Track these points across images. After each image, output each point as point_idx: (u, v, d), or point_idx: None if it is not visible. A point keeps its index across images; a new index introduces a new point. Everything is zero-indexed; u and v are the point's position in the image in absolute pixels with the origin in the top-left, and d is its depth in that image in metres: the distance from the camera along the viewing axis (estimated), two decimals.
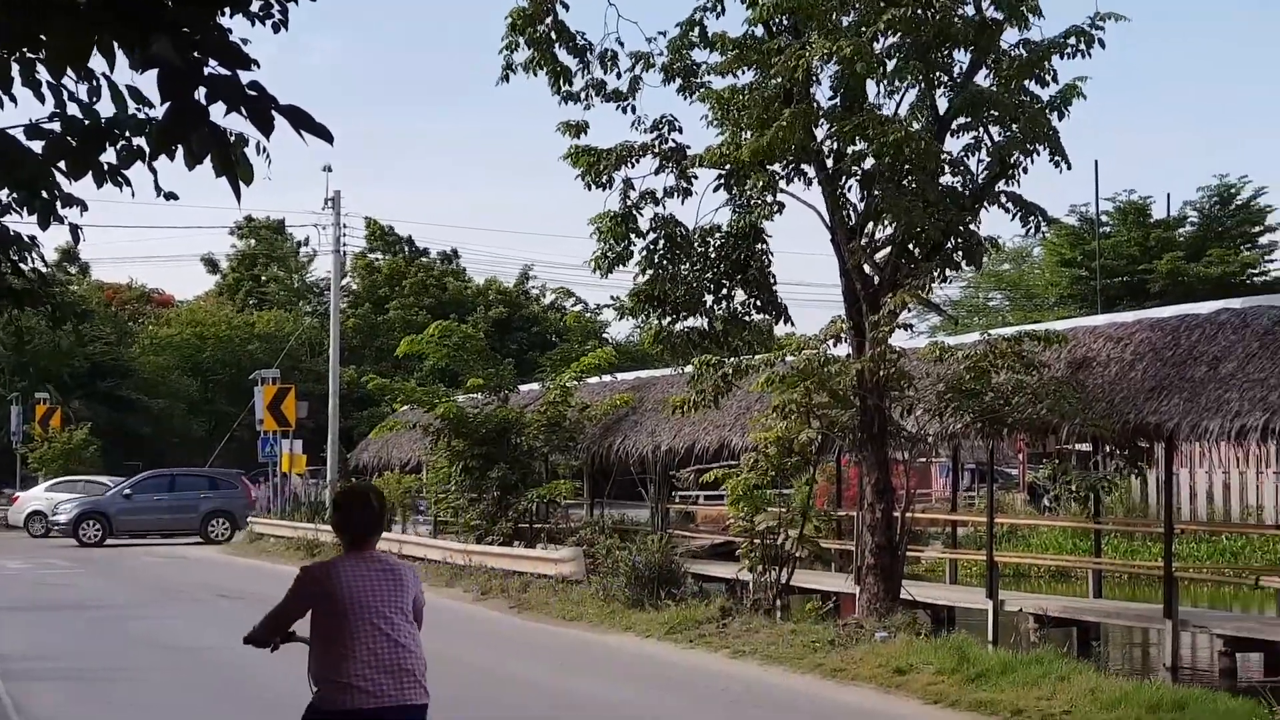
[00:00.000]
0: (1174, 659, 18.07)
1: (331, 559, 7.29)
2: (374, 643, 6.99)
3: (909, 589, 19.89)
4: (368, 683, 6.94)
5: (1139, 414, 18.16)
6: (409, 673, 7.15)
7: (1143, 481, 32.90)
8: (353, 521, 7.21)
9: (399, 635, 7.12)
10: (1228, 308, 19.07)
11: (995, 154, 19.11)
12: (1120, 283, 46.15)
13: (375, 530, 7.32)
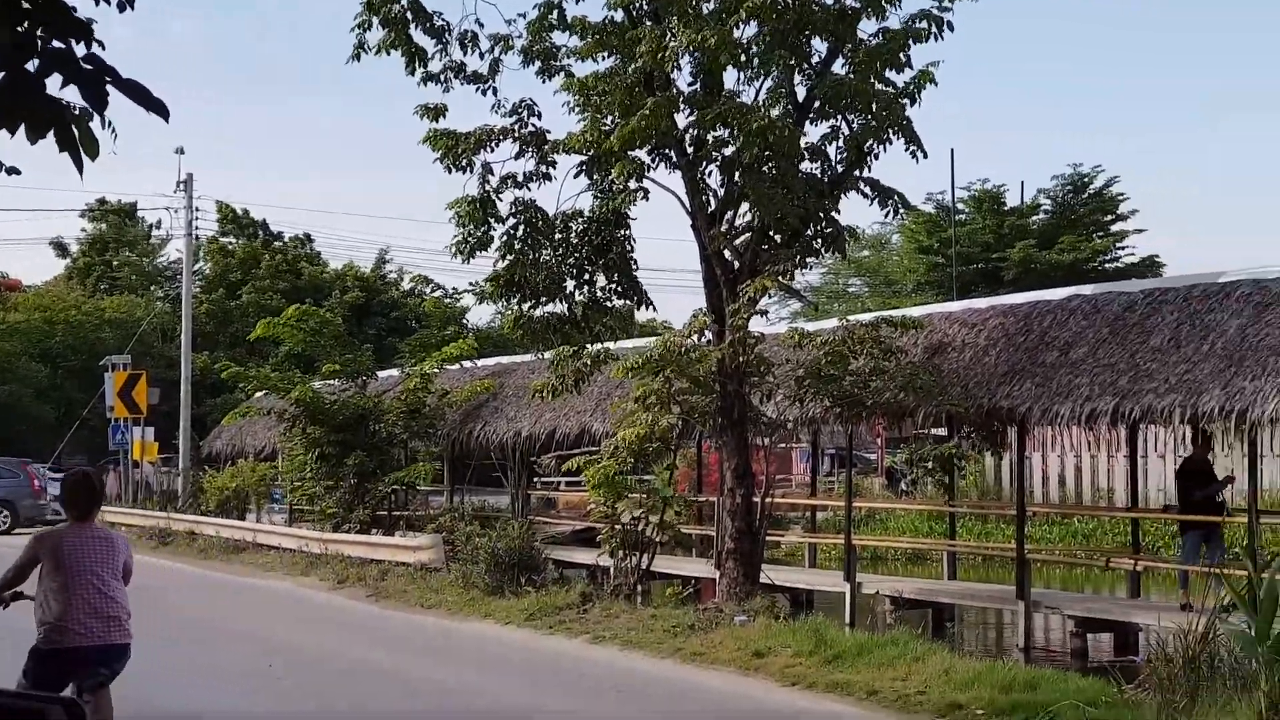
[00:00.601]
0: (1026, 639, 18.38)
1: (59, 528, 9.27)
2: (88, 595, 8.83)
3: (769, 573, 20.00)
4: (81, 626, 8.79)
5: (993, 398, 18.43)
6: (115, 619, 8.95)
7: (997, 465, 33.52)
8: (79, 500, 9.25)
9: (109, 590, 8.95)
10: (1079, 294, 19.42)
11: (853, 141, 19.24)
12: (976, 269, 46.85)
13: (95, 506, 9.41)
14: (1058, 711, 11.74)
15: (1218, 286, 17.47)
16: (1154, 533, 30.00)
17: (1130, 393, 16.84)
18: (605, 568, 21.57)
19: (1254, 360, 15.84)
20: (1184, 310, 17.42)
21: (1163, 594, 21.87)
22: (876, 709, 12.83)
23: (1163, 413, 16.52)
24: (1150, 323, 17.64)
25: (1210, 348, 16.53)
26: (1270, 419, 15.40)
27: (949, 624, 20.93)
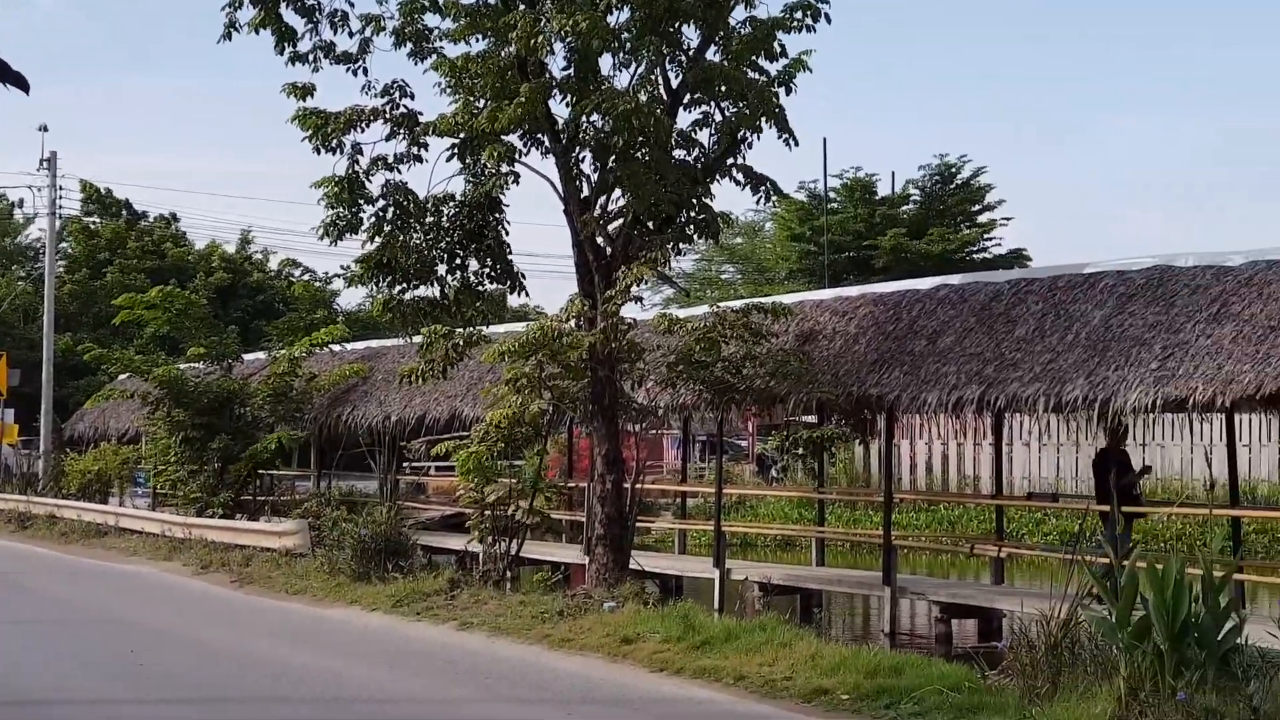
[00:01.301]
0: (892, 625, 18.55)
1: None
2: None
3: (638, 559, 19.98)
4: None
5: (862, 386, 18.56)
6: None
7: (865, 452, 33.84)
8: None
9: None
10: (947, 284, 19.62)
11: (725, 128, 19.25)
12: (847, 258, 47.19)
13: None
14: (921, 696, 11.83)
15: (1082, 277, 17.73)
16: (1018, 520, 30.52)
17: (996, 381, 17.04)
18: (474, 554, 21.44)
19: (1117, 350, 16.11)
20: (1049, 300, 17.67)
21: (1026, 580, 22.20)
22: (743, 694, 12.84)
23: (1027, 401, 16.74)
24: (1016, 312, 17.87)
25: (1074, 337, 16.77)
26: (1132, 409, 15.63)
27: (817, 610, 21.07)
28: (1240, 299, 15.60)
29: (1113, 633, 10.99)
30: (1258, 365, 14.56)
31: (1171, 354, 15.53)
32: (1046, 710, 10.89)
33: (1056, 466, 34.73)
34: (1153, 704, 10.27)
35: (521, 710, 12.64)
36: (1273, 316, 15.00)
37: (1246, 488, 29.26)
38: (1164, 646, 10.55)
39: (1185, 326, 15.77)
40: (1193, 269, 16.60)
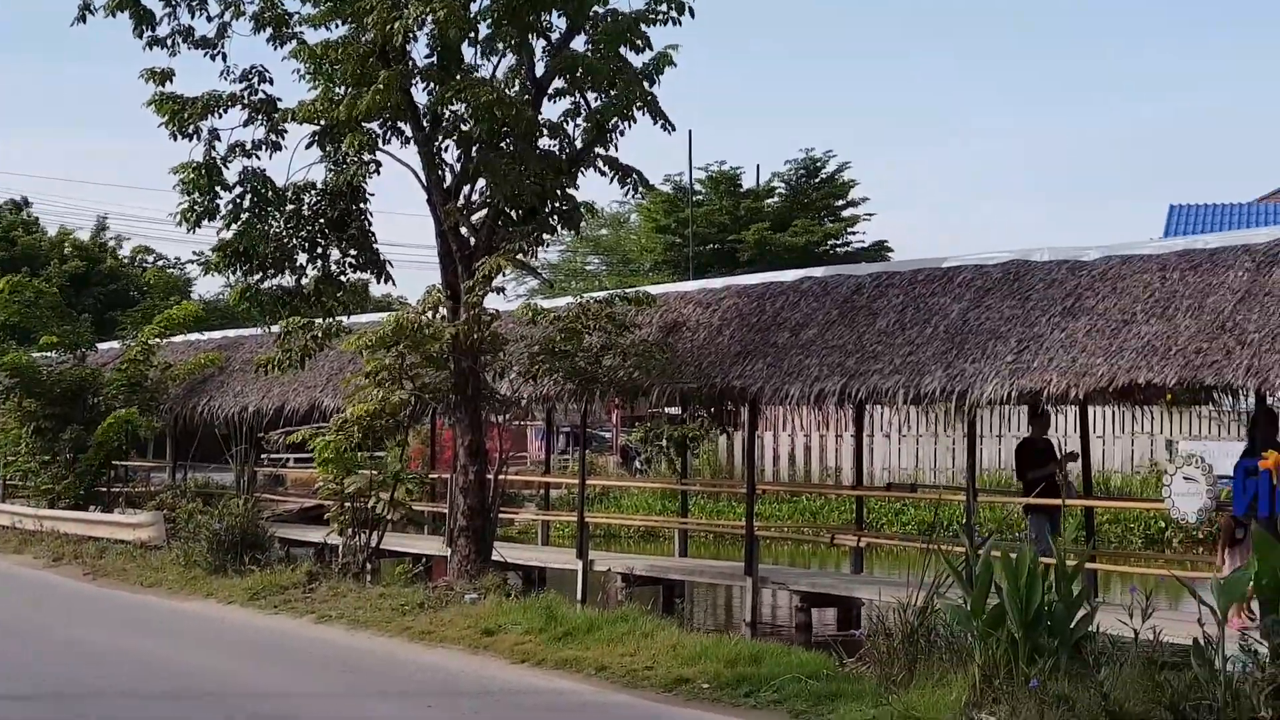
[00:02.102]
0: (754, 614, 18.65)
1: None
2: None
3: (501, 551, 19.90)
4: None
5: (726, 377, 18.62)
6: None
7: (729, 444, 34.03)
8: None
9: None
10: (810, 276, 19.74)
11: (592, 119, 19.21)
12: (712, 250, 47.39)
13: None
14: (781, 684, 11.95)
15: (941, 271, 17.93)
16: (878, 510, 30.87)
17: (857, 373, 17.18)
18: (334, 546, 21.22)
19: (974, 343, 16.31)
20: (909, 294, 17.85)
21: (885, 569, 22.44)
22: (605, 685, 12.87)
23: (888, 393, 16.89)
24: (877, 305, 18.02)
25: (933, 330, 16.96)
26: (988, 401, 15.85)
27: (679, 600, 21.13)
28: (1094, 293, 15.88)
29: (968, 621, 11.15)
30: (1110, 358, 14.82)
31: (1027, 347, 15.77)
32: (902, 697, 11.03)
33: (916, 457, 35.20)
34: (1006, 691, 10.44)
35: (381, 703, 12.54)
36: (1125, 311, 15.29)
37: (1100, 479, 29.88)
38: (1018, 634, 10.72)
39: (1040, 320, 16.01)
40: (1048, 264, 16.85)
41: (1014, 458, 18.04)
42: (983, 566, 11.23)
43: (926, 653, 11.78)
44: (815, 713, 11.40)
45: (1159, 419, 33.41)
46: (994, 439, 34.30)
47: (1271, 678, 8.99)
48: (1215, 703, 9.23)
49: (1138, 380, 14.50)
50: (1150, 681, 9.91)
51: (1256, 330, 13.85)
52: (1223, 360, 13.86)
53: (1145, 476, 30.95)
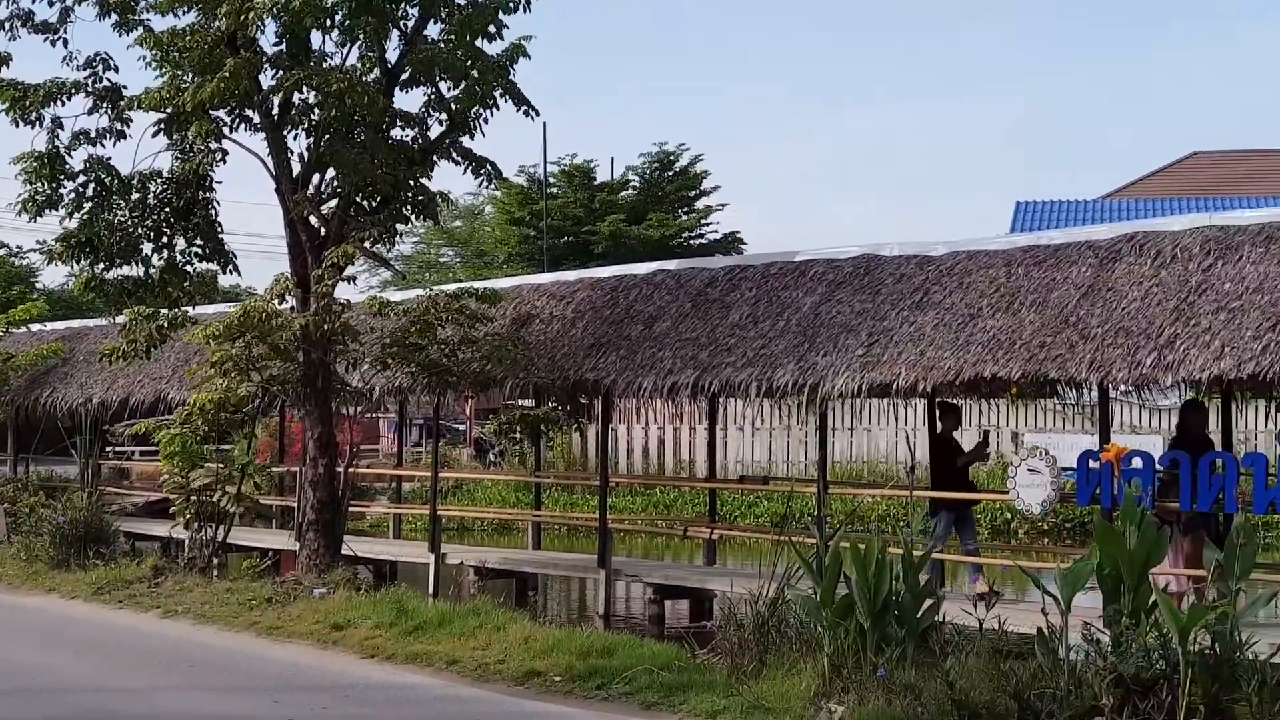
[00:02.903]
0: (607, 607, 18.63)
1: None
2: None
3: (351, 545, 19.67)
4: None
5: (579, 370, 18.59)
6: None
7: (583, 436, 33.98)
8: None
9: None
10: (664, 269, 19.77)
11: (447, 109, 19.05)
12: (567, 243, 47.33)
13: None
14: (633, 676, 11.96)
15: (794, 265, 18.06)
16: (731, 502, 31.06)
17: (710, 366, 17.24)
18: (180, 540, 20.86)
19: (826, 337, 16.45)
20: (762, 287, 17.95)
21: (738, 561, 22.58)
22: (455, 679, 12.80)
23: (740, 386, 16.96)
24: (730, 298, 18.10)
25: (786, 324, 17.08)
26: (839, 394, 15.98)
27: (532, 593, 21.07)
28: (942, 288, 16.09)
29: (817, 611, 11.24)
30: (957, 351, 15.04)
31: (877, 340, 15.93)
32: (753, 687, 11.10)
33: (769, 450, 35.49)
34: (855, 680, 10.55)
35: (226, 699, 12.33)
36: (972, 305, 15.52)
37: None
38: (866, 624, 10.84)
39: (890, 314, 16.19)
40: (898, 258, 17.05)
41: (929, 454, 17.86)
42: (832, 558, 11.33)
43: (777, 643, 11.87)
44: (667, 704, 11.43)
45: (1005, 412, 34.05)
46: (845, 432, 34.74)
47: (1113, 666, 9.17)
48: (1059, 691, 9.40)
49: (984, 373, 14.74)
50: (995, 670, 10.08)
51: (1099, 325, 14.14)
52: (1066, 354, 14.13)
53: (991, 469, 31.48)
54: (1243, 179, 48.09)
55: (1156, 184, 50.39)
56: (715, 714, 10.97)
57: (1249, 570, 9.64)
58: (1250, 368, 12.70)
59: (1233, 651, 9.23)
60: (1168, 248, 14.48)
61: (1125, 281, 14.47)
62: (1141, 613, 9.62)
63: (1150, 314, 13.88)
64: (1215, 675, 9.15)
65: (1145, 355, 13.50)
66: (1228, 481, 13.09)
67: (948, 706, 9.62)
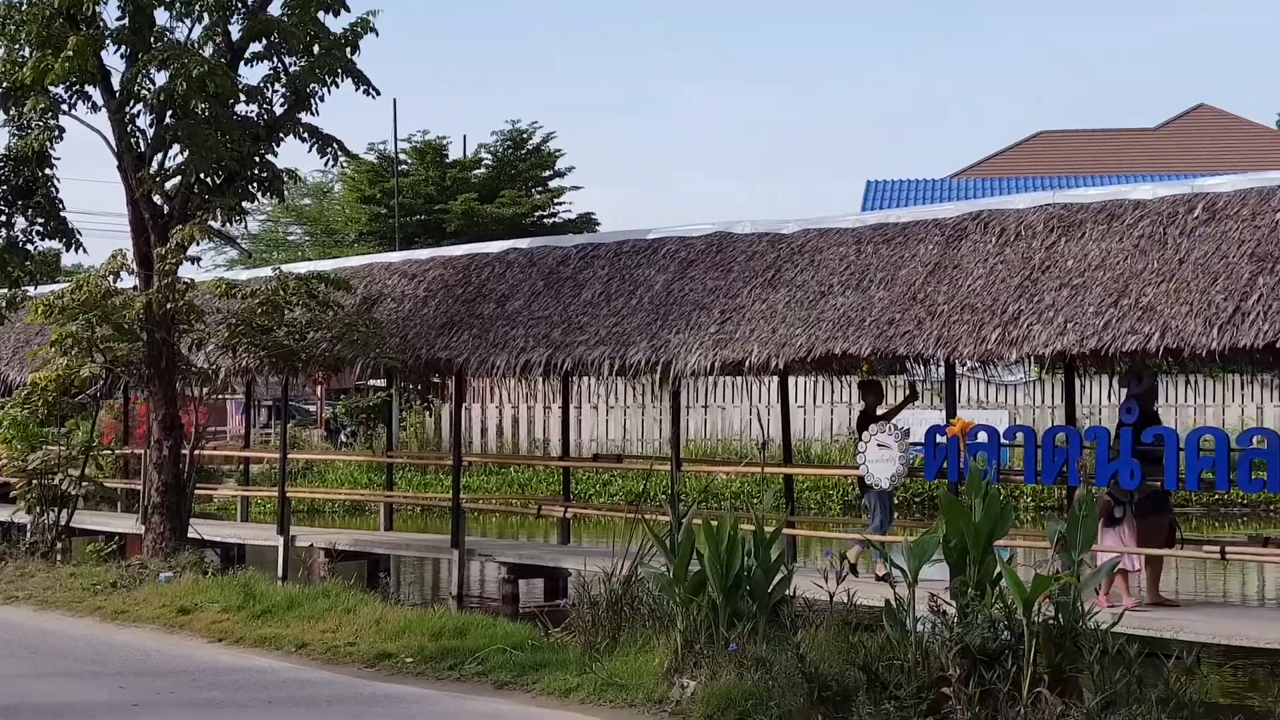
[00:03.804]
0: (460, 587, 18.55)
1: None
2: None
3: (198, 528, 19.35)
4: None
5: (431, 349, 18.45)
6: None
7: (437, 416, 33.78)
8: None
9: None
10: (516, 247, 19.68)
11: (291, 84, 18.76)
12: (418, 221, 46.90)
13: None
14: (486, 656, 11.92)
15: (646, 243, 18.06)
16: (586, 481, 31.11)
17: (563, 345, 17.21)
18: (21, 525, 20.35)
19: (678, 314, 16.49)
20: (615, 265, 17.94)
21: (592, 539, 22.57)
22: (305, 661, 12.64)
23: (593, 364, 16.95)
24: (583, 276, 18.07)
25: (639, 302, 17.09)
26: (693, 371, 16.01)
27: (383, 575, 20.88)
28: (793, 265, 16.20)
29: (670, 588, 11.27)
30: (809, 329, 15.15)
31: (729, 318, 16.01)
32: (606, 665, 11.10)
33: (624, 428, 35.57)
34: (707, 655, 10.59)
35: (71, 684, 12.04)
36: (823, 283, 15.64)
37: (801, 447, 30.66)
38: (718, 599, 10.89)
39: (742, 292, 16.26)
40: (750, 236, 17.12)
41: (857, 431, 17.32)
42: (685, 535, 11.36)
43: (631, 621, 11.87)
44: (519, 683, 11.39)
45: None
46: (700, 409, 34.92)
47: (959, 637, 9.30)
48: (906, 663, 9.51)
49: (834, 350, 14.87)
50: (845, 643, 10.19)
51: (945, 301, 14.33)
52: (914, 331, 14.31)
53: (844, 444, 31.88)
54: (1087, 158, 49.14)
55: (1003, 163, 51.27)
56: (568, 692, 10.97)
57: (1091, 541, 9.83)
58: (1092, 343, 12.95)
59: (1075, 621, 9.40)
60: (1012, 225, 14.70)
61: (971, 259, 14.67)
62: (987, 584, 9.77)
63: (995, 291, 14.09)
64: (1059, 645, 9.32)
65: (990, 332, 13.71)
66: (1070, 455, 13.34)
67: (798, 679, 9.69)
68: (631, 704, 10.55)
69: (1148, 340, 12.57)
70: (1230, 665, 13.54)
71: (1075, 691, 8.96)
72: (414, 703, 11.13)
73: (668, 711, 10.34)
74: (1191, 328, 12.36)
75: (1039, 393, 33.98)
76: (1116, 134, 52.91)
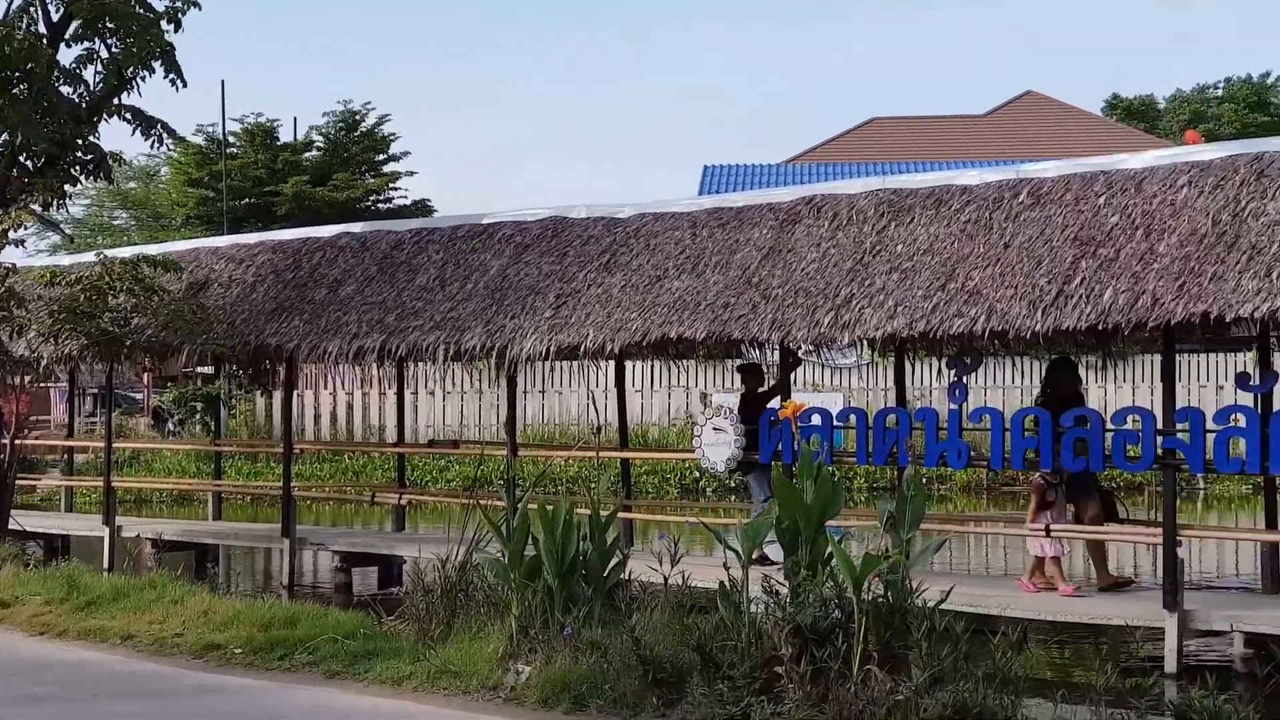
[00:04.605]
0: (292, 577, 18.30)
1: None
2: None
3: (20, 519, 18.84)
4: None
5: (260, 335, 18.15)
6: None
7: (269, 403, 33.27)
8: None
9: None
10: (349, 232, 19.42)
11: (113, 66, 18.31)
12: (248, 204, 46.21)
13: None
14: (317, 646, 11.73)
15: (481, 227, 17.94)
16: (422, 467, 30.88)
17: (397, 330, 17.02)
18: None
19: (514, 299, 16.40)
20: (449, 250, 17.79)
21: (429, 526, 22.41)
22: (131, 654, 12.34)
23: (428, 350, 16.78)
24: (417, 261, 17.90)
25: (474, 287, 16.97)
26: (528, 356, 15.92)
27: (212, 565, 20.53)
28: (629, 250, 16.19)
29: (505, 574, 11.20)
30: (645, 313, 15.16)
31: (565, 303, 15.96)
32: (440, 652, 10.99)
33: (461, 413, 35.36)
34: (543, 640, 10.54)
35: None
36: (659, 267, 15.65)
37: (639, 431, 30.78)
38: (554, 584, 10.84)
39: (578, 276, 16.22)
40: (586, 220, 17.09)
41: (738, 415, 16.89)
42: (520, 520, 11.29)
43: (465, 607, 11.77)
44: (351, 672, 11.24)
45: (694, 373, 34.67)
46: (537, 394, 34.84)
47: (791, 617, 9.36)
48: (740, 643, 9.55)
49: (670, 334, 14.88)
50: (680, 625, 10.20)
51: (780, 285, 14.42)
52: (749, 314, 14.38)
53: (682, 428, 32.05)
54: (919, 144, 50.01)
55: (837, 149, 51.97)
56: (401, 680, 10.85)
57: (919, 520, 9.95)
58: (921, 325, 13.12)
59: (904, 599, 9.52)
60: (844, 210, 14.84)
61: (805, 243, 14.79)
62: (819, 564, 9.85)
63: (828, 275, 14.21)
64: (888, 623, 9.42)
65: (823, 315, 13.82)
66: (900, 435, 13.53)
67: (633, 661, 9.69)
68: (466, 691, 10.47)
69: (974, 323, 12.77)
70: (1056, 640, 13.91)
71: (904, 668, 9.06)
72: (243, 694, 10.92)
73: (502, 698, 10.27)
74: (1017, 310, 12.59)
75: (872, 375, 34.48)
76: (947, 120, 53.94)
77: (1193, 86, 74.30)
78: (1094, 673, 11.70)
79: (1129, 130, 58.50)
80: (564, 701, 9.88)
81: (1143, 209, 12.68)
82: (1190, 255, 11.95)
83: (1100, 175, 13.40)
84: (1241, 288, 11.40)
